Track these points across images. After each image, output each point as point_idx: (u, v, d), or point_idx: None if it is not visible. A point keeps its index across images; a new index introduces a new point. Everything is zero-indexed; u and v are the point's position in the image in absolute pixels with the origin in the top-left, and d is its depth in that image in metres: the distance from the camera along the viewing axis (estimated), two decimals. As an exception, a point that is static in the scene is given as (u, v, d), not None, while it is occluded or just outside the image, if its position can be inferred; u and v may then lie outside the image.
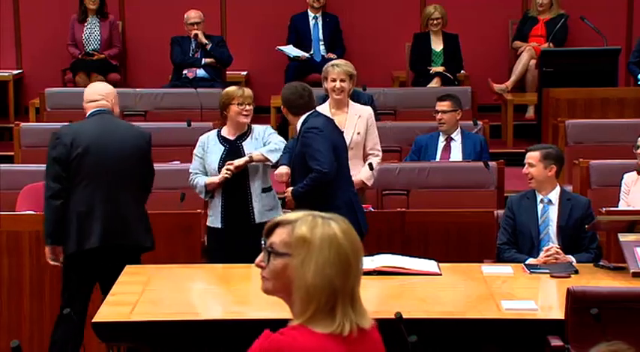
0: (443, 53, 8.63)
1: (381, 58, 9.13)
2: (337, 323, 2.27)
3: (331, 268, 2.26)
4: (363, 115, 5.75)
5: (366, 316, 2.31)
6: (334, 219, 2.30)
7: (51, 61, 8.88)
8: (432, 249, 5.28)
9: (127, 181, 4.77)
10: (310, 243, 2.25)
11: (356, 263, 2.29)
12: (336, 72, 5.70)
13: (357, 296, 2.30)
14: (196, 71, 8.44)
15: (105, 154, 4.72)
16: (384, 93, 7.90)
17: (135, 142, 4.84)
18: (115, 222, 4.71)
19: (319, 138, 4.90)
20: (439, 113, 6.55)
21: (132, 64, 9.20)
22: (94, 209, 4.69)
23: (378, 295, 4.36)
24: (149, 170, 4.91)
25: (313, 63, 8.78)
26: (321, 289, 2.26)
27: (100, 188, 4.71)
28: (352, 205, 5.00)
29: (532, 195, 5.01)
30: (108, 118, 4.86)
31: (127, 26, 9.19)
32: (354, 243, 2.29)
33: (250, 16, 9.17)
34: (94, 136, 4.75)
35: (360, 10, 9.21)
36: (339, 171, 4.96)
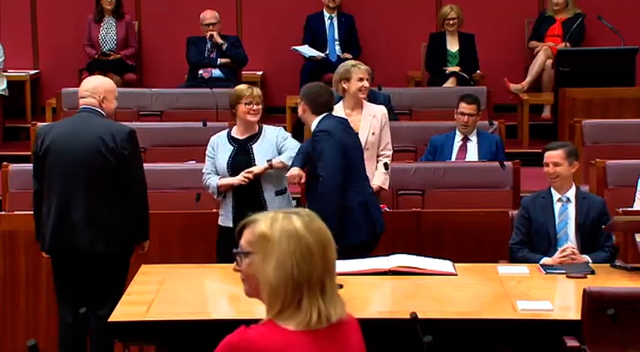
0: (459, 53, 8.62)
1: (397, 57, 9.12)
2: (303, 315, 2.27)
3: (292, 261, 2.27)
4: (377, 115, 5.75)
5: (338, 308, 2.30)
6: (297, 212, 2.32)
7: (67, 61, 8.92)
8: (447, 249, 5.27)
9: (82, 183, 4.58)
10: (269, 238, 2.27)
11: (321, 254, 2.28)
12: (362, 70, 5.70)
13: (327, 288, 2.29)
14: (212, 71, 8.46)
15: (62, 154, 4.60)
16: (399, 93, 7.89)
17: (100, 142, 4.57)
18: (64, 226, 4.60)
19: (328, 142, 4.89)
20: (465, 115, 6.50)
21: (148, 64, 9.23)
22: (50, 210, 4.63)
23: (394, 295, 4.36)
24: (124, 170, 4.61)
25: (329, 63, 8.77)
26: (284, 283, 2.27)
27: (56, 189, 4.62)
28: (366, 205, 4.98)
29: (547, 194, 4.99)
30: (84, 116, 4.68)
31: (142, 26, 9.22)
32: (318, 234, 2.30)
33: (266, 16, 9.18)
34: (59, 135, 4.64)
35: (376, 10, 9.20)
36: (350, 172, 4.94)
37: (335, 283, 2.31)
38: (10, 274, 5.26)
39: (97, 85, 4.77)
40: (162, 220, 5.26)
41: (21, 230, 5.19)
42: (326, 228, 2.32)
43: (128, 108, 7.65)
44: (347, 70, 5.71)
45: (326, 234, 2.31)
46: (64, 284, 4.71)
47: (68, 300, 4.70)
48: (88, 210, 4.59)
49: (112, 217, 4.63)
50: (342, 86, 5.71)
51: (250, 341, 2.26)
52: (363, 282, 4.42)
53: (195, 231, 5.39)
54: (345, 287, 4.24)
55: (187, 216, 5.45)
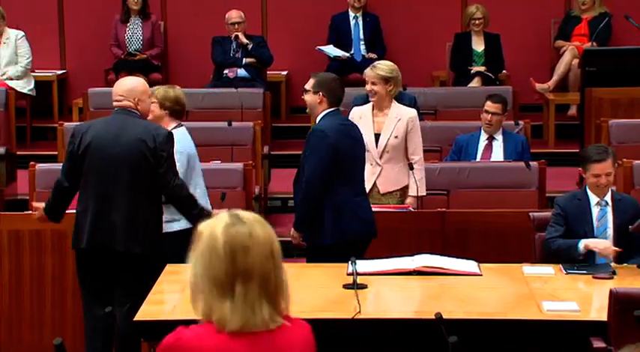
0: (484, 53, 8.59)
1: (422, 57, 9.10)
2: (219, 318, 2.29)
3: (202, 262, 2.31)
4: (404, 118, 5.73)
5: (258, 316, 2.30)
6: (233, 215, 2.34)
7: (94, 61, 8.98)
8: (472, 249, 5.25)
9: (123, 184, 4.60)
10: (199, 237, 2.34)
11: (230, 259, 2.29)
12: (368, 75, 5.71)
13: (237, 294, 2.29)
14: (237, 71, 8.48)
15: (103, 154, 4.61)
16: (424, 93, 7.88)
17: (141, 143, 4.60)
18: (103, 225, 4.60)
19: (321, 143, 4.87)
20: (489, 114, 6.48)
21: (173, 63, 9.27)
22: (87, 209, 4.63)
23: (418, 295, 4.35)
24: (161, 172, 4.62)
25: (354, 63, 8.78)
26: (194, 282, 2.31)
27: (95, 189, 4.63)
28: (343, 210, 4.92)
29: (584, 196, 4.83)
30: (121, 117, 4.71)
31: (168, 26, 9.26)
32: (232, 239, 2.30)
33: (291, 16, 9.19)
34: (98, 135, 4.65)
35: (401, 10, 9.19)
36: (339, 175, 4.90)
37: (254, 290, 2.30)
38: (36, 272, 5.30)
39: (132, 87, 4.78)
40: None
41: (48, 229, 5.23)
42: (255, 234, 2.31)
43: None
44: (365, 72, 5.76)
45: (243, 240, 2.30)
46: (93, 283, 4.72)
47: (96, 299, 4.72)
48: (128, 210, 4.60)
49: (150, 218, 4.67)
50: (366, 87, 5.75)
51: (185, 341, 2.30)
52: (387, 282, 4.41)
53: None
54: (369, 288, 4.26)
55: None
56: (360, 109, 5.82)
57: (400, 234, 5.39)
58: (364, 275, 4.35)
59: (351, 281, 4.22)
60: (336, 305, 4.18)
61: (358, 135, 5.13)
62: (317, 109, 5.00)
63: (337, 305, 4.15)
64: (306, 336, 2.43)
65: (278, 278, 2.36)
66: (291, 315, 2.43)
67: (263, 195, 7.15)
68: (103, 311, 4.67)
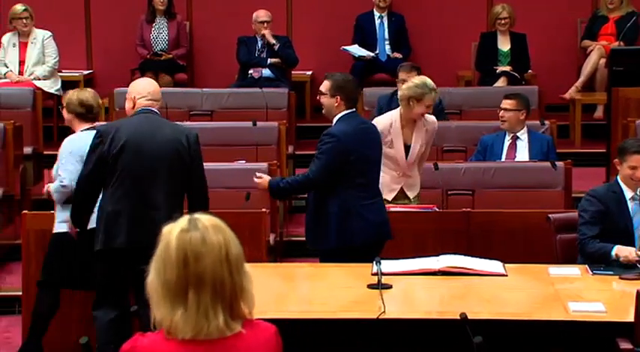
0: (510, 53, 8.56)
1: (447, 57, 9.08)
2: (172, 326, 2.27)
3: (157, 266, 2.30)
4: (429, 128, 5.73)
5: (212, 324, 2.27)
6: (190, 219, 2.34)
7: (120, 62, 9.02)
8: (497, 249, 5.22)
9: (161, 182, 4.62)
10: (161, 240, 2.34)
11: (182, 265, 2.28)
12: (434, 97, 5.65)
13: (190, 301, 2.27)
14: (262, 71, 8.50)
15: (141, 154, 4.61)
16: (449, 92, 7.86)
17: (178, 143, 4.65)
18: (142, 224, 4.58)
19: (331, 147, 4.85)
20: (502, 110, 6.52)
21: (199, 63, 9.30)
22: (125, 209, 4.61)
23: (443, 295, 4.34)
24: (193, 171, 4.69)
25: (378, 62, 8.77)
26: (152, 286, 2.30)
27: (132, 188, 4.61)
28: (349, 212, 4.90)
29: (618, 189, 4.77)
30: (152, 118, 4.73)
31: (194, 26, 9.29)
32: (185, 245, 2.29)
33: (316, 16, 9.19)
34: (133, 135, 4.63)
35: (426, 10, 9.18)
36: (347, 178, 4.87)
37: (207, 297, 2.27)
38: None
39: (155, 87, 4.84)
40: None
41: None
42: (208, 239, 2.29)
43: (179, 108, 7.72)
44: (423, 92, 5.60)
45: (196, 246, 2.29)
46: (117, 284, 4.71)
47: (113, 300, 4.71)
48: (167, 208, 4.60)
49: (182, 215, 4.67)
50: (410, 103, 5.61)
51: (141, 348, 2.29)
52: (412, 282, 4.40)
53: (244, 231, 5.40)
54: (394, 288, 4.25)
55: (237, 215, 5.47)
56: (388, 118, 5.73)
57: (425, 234, 5.38)
58: (389, 275, 4.35)
59: (376, 281, 4.22)
60: (360, 305, 4.17)
61: (376, 137, 5.11)
62: (334, 111, 4.99)
63: (362, 305, 4.15)
64: (267, 339, 2.39)
65: (235, 284, 2.32)
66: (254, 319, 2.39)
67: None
68: (115, 313, 4.68)
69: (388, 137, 5.59)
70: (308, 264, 4.78)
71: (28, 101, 7.68)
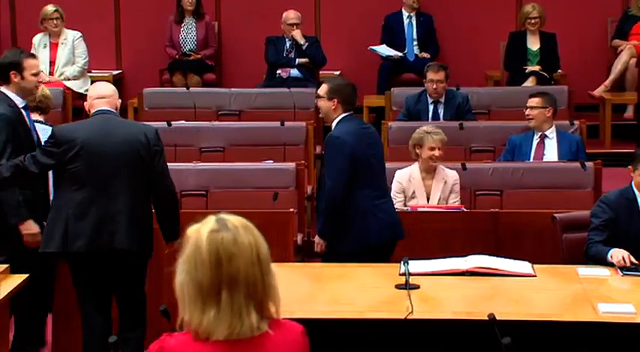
0: (539, 52, 8.51)
1: (475, 57, 9.05)
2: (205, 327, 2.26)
3: (187, 267, 2.28)
4: (449, 182, 5.81)
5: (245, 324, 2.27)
6: (220, 219, 2.32)
7: (149, 62, 9.08)
8: (526, 250, 5.20)
9: (121, 183, 4.53)
10: (187, 240, 2.32)
11: (214, 265, 2.27)
12: (435, 140, 5.74)
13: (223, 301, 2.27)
14: (290, 71, 8.51)
15: (98, 155, 4.52)
16: (477, 92, 7.83)
17: (136, 141, 4.55)
18: (103, 228, 4.51)
19: (338, 149, 4.86)
20: (528, 109, 6.52)
21: (227, 64, 9.33)
22: (85, 212, 4.50)
23: (471, 296, 4.33)
24: (153, 168, 4.58)
25: (406, 62, 8.76)
26: (180, 287, 2.29)
27: (92, 191, 4.52)
28: (366, 214, 4.89)
29: (632, 195, 4.76)
30: (108, 118, 4.62)
31: (222, 26, 9.33)
32: (217, 246, 2.28)
33: (344, 16, 9.19)
34: (88, 139, 4.53)
35: (455, 10, 9.15)
36: (357, 179, 4.87)
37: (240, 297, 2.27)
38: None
39: (111, 87, 4.77)
40: (240, 219, 5.29)
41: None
42: (240, 240, 2.29)
43: (207, 108, 7.75)
44: (421, 137, 5.78)
45: (228, 247, 2.28)
46: (90, 288, 4.63)
47: (95, 306, 4.65)
48: (127, 210, 4.54)
49: (148, 216, 4.62)
50: (416, 151, 5.81)
51: (169, 349, 2.29)
52: (440, 283, 4.39)
53: (272, 230, 5.40)
54: (421, 288, 4.24)
55: (265, 215, 5.48)
56: (408, 172, 5.83)
57: (453, 234, 5.36)
58: (416, 275, 4.34)
59: (404, 282, 4.21)
60: (388, 305, 4.17)
61: (376, 138, 5.13)
62: (332, 115, 5.00)
63: (389, 306, 4.15)
64: (294, 339, 2.39)
65: (266, 284, 2.32)
66: (280, 318, 2.39)
67: (315, 195, 7.16)
68: (102, 320, 4.63)
69: (410, 189, 5.76)
70: (335, 264, 4.77)
71: (58, 101, 7.73)
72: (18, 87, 4.95)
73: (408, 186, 5.77)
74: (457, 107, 7.29)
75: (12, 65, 4.95)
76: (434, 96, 7.28)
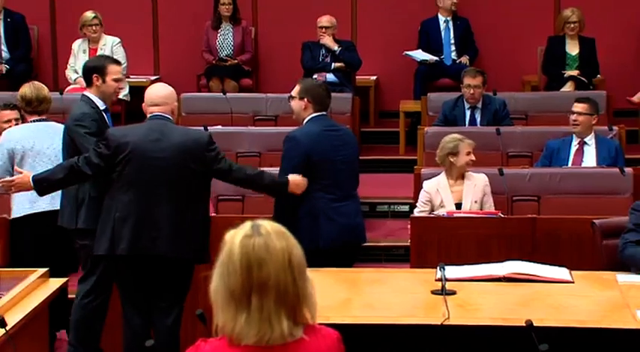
0: (578, 57, 8.45)
1: (512, 61, 9.01)
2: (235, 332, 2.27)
3: (221, 272, 2.29)
4: (479, 185, 5.80)
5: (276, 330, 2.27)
6: (254, 225, 2.33)
7: (186, 67, 9.14)
8: (564, 256, 5.16)
9: (166, 190, 4.58)
10: (224, 246, 2.32)
11: (245, 271, 2.27)
12: (468, 144, 5.78)
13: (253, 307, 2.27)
14: (326, 76, 8.53)
15: (147, 160, 4.58)
16: (514, 97, 7.79)
17: (185, 149, 4.61)
18: (145, 232, 4.57)
19: (291, 150, 4.88)
20: (575, 114, 6.44)
21: (263, 69, 9.37)
22: (130, 215, 4.57)
23: (508, 302, 4.30)
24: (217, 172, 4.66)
25: (443, 67, 8.73)
26: (214, 293, 2.30)
27: (138, 195, 4.58)
28: (318, 217, 4.87)
29: None
30: (159, 124, 4.70)
31: (259, 32, 9.36)
32: (248, 251, 2.28)
33: (381, 21, 9.19)
34: (139, 142, 4.62)
35: (492, 14, 9.11)
36: (314, 182, 4.85)
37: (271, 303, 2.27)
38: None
39: (168, 93, 4.82)
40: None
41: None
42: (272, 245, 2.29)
43: (244, 113, 7.79)
44: (456, 144, 5.78)
45: (259, 252, 2.28)
46: (133, 292, 4.70)
47: (136, 308, 4.72)
48: (171, 217, 4.59)
49: (194, 224, 4.66)
50: (450, 160, 5.79)
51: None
52: (476, 289, 4.37)
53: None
54: (458, 294, 4.23)
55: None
56: (435, 182, 5.84)
57: (489, 240, 5.33)
58: (453, 281, 4.33)
59: (440, 287, 4.20)
60: (424, 310, 4.16)
61: (346, 140, 5.06)
62: (302, 115, 5.02)
63: (425, 311, 4.14)
64: (330, 345, 2.38)
65: (299, 290, 2.31)
66: (316, 324, 2.38)
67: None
68: (142, 322, 4.69)
69: (438, 198, 5.76)
70: (371, 269, 4.78)
71: (97, 106, 7.81)
72: (99, 90, 5.09)
73: (435, 196, 5.77)
74: (494, 112, 7.26)
75: (95, 69, 5.09)
76: (471, 101, 7.26)
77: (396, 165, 8.04)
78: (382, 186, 7.76)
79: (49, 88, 9.10)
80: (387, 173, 8.06)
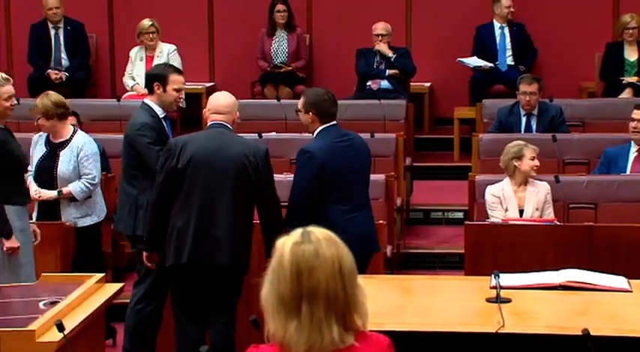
0: (637, 63, 8.33)
1: (569, 68, 8.91)
2: (286, 339, 2.26)
3: (272, 278, 2.29)
4: (541, 192, 5.77)
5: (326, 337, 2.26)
6: (304, 232, 2.33)
7: (241, 74, 9.20)
8: (621, 264, 5.08)
9: (226, 199, 4.61)
10: (275, 253, 2.32)
11: (295, 278, 2.27)
12: (533, 149, 5.78)
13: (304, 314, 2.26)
14: (380, 82, 8.52)
15: (206, 168, 4.61)
16: (571, 104, 7.70)
17: (244, 158, 4.64)
18: (205, 240, 4.60)
19: (305, 164, 4.80)
20: (635, 121, 6.33)
21: (318, 75, 9.39)
22: (189, 225, 4.60)
23: (564, 311, 4.25)
24: (260, 188, 4.68)
25: (498, 73, 8.67)
26: (265, 299, 2.29)
27: (197, 204, 4.61)
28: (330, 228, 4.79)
29: None
30: (219, 132, 4.73)
31: (314, 39, 9.39)
32: (298, 258, 2.28)
33: (435, 28, 9.16)
34: (199, 150, 4.64)
35: (548, 20, 9.02)
36: (329, 195, 4.80)
37: (321, 310, 2.27)
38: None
39: (232, 102, 4.85)
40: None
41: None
42: (321, 253, 2.29)
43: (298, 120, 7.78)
44: (520, 149, 5.77)
45: (309, 259, 2.28)
46: (188, 300, 4.73)
47: (189, 316, 4.74)
48: (230, 224, 4.62)
49: (247, 232, 4.71)
50: (514, 164, 5.75)
51: None
52: (532, 297, 4.33)
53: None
54: (513, 302, 4.19)
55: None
56: (500, 187, 5.80)
57: (545, 248, 5.28)
58: (508, 288, 4.29)
59: (494, 295, 4.16)
60: (478, 318, 4.13)
61: (358, 149, 5.00)
62: (311, 127, 4.96)
63: (480, 319, 4.10)
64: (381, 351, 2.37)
65: (349, 297, 2.31)
66: (367, 331, 2.37)
67: (405, 207, 7.14)
68: (195, 329, 4.72)
69: (503, 204, 5.74)
70: (426, 276, 4.75)
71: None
72: (159, 98, 5.16)
73: (501, 200, 5.76)
74: (550, 119, 7.18)
75: (157, 77, 5.17)
76: (527, 108, 7.20)
77: (450, 172, 8.00)
78: (436, 193, 7.74)
79: (107, 95, 9.32)
80: (441, 180, 8.03)
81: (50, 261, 5.38)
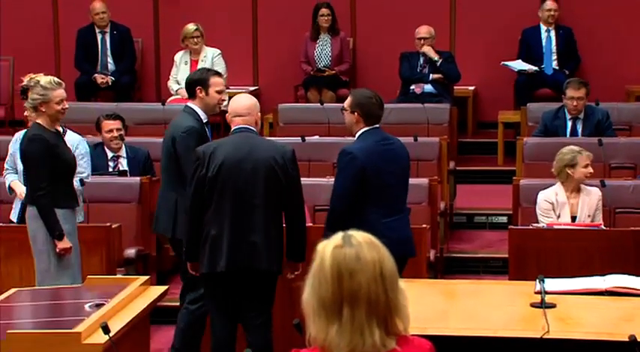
0: (684, 66, 8.22)
1: (616, 71, 8.81)
2: (327, 343, 2.24)
3: (313, 282, 2.28)
4: (593, 199, 5.72)
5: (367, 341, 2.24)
6: (345, 235, 2.32)
7: (284, 78, 9.23)
8: (669, 270, 5.01)
9: (259, 203, 4.62)
10: (316, 256, 2.31)
11: (336, 281, 2.26)
12: (587, 156, 5.71)
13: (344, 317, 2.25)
14: (424, 87, 8.49)
15: (239, 173, 4.60)
16: (617, 108, 7.62)
17: (273, 161, 4.63)
18: (241, 247, 4.60)
19: (347, 165, 4.75)
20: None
21: (361, 79, 9.39)
22: (225, 232, 4.60)
23: (610, 316, 4.20)
24: (288, 189, 4.67)
25: (543, 76, 8.60)
26: (305, 302, 2.28)
27: (231, 210, 4.60)
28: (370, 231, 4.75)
29: None
30: (246, 136, 4.71)
31: (357, 42, 9.39)
32: (339, 261, 2.27)
33: (480, 31, 9.11)
34: (229, 155, 4.62)
35: (595, 23, 8.93)
36: (368, 198, 4.75)
37: (362, 313, 2.26)
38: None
39: (252, 103, 4.82)
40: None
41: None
42: (362, 256, 2.28)
43: (341, 124, 7.76)
44: (574, 156, 5.68)
45: (350, 263, 2.27)
46: (226, 304, 4.73)
47: (225, 316, 4.75)
48: (264, 228, 4.63)
49: (280, 236, 4.71)
50: (567, 172, 5.68)
51: None
52: (578, 302, 4.29)
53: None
54: (559, 307, 4.15)
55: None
56: (552, 192, 5.74)
57: (591, 252, 5.22)
58: (553, 293, 4.25)
59: (539, 300, 4.13)
60: (523, 323, 4.10)
61: (398, 153, 4.95)
62: (354, 128, 4.90)
63: (525, 324, 4.07)
64: None
65: (390, 301, 2.30)
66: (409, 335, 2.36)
67: (448, 211, 7.11)
68: (230, 333, 4.73)
69: (556, 210, 5.68)
70: (469, 281, 4.73)
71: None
72: (202, 102, 5.17)
73: (555, 206, 5.69)
74: (597, 123, 7.11)
75: (199, 81, 5.19)
76: (573, 113, 7.13)
77: (494, 176, 7.95)
78: (480, 197, 7.69)
79: (152, 99, 9.39)
80: (484, 184, 7.98)
81: (95, 264, 5.44)
